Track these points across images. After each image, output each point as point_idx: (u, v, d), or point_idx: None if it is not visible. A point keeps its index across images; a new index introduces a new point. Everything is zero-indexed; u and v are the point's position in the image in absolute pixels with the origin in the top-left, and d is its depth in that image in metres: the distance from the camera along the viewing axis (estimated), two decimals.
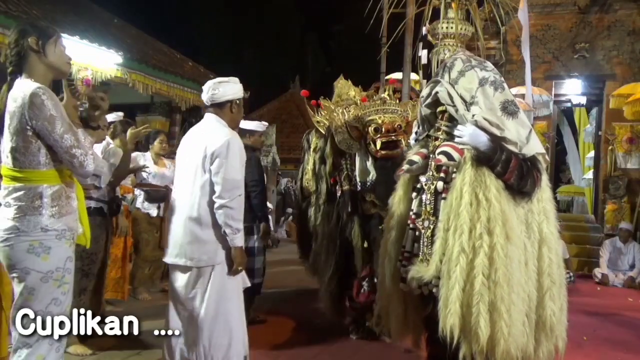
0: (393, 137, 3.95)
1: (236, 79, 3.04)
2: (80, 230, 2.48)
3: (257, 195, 4.44)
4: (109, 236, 4.10)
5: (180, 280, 2.90)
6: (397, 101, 4.31)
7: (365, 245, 4.01)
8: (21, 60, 2.28)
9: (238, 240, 2.82)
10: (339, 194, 4.16)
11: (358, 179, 4.08)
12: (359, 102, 4.26)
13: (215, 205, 2.78)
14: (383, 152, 3.94)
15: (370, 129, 4.00)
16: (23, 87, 2.22)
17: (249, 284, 3.10)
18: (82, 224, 2.50)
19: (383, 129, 3.96)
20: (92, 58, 6.94)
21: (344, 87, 4.60)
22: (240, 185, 2.84)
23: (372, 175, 4.03)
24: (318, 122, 4.46)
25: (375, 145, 3.97)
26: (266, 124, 5.16)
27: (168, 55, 10.29)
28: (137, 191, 5.38)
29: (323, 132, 4.38)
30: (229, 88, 2.97)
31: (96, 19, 9.24)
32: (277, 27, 23.74)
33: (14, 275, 2.29)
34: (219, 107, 2.98)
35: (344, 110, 4.17)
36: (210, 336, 2.80)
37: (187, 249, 2.84)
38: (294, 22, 24.98)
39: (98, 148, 4.21)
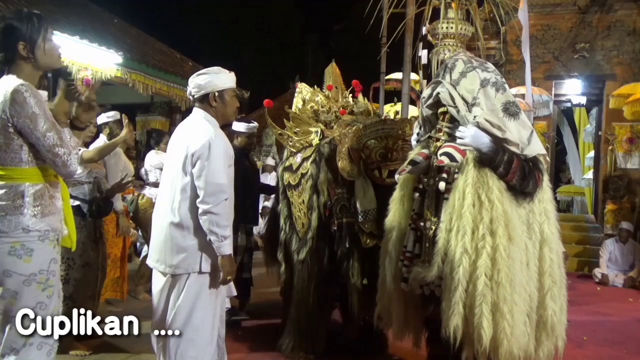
0: (398, 166, 3.54)
1: (218, 69, 2.77)
2: (65, 231, 2.39)
3: None
4: (98, 240, 3.94)
5: (157, 284, 2.76)
6: (394, 116, 4.07)
7: (365, 282, 3.58)
8: (9, 61, 2.21)
9: (225, 248, 2.61)
10: (334, 228, 3.68)
11: (359, 209, 3.60)
12: (337, 113, 3.97)
13: (200, 211, 2.58)
14: (389, 180, 3.50)
15: (375, 154, 3.61)
16: (5, 84, 2.15)
17: (234, 293, 2.97)
18: (68, 226, 2.41)
19: (392, 156, 3.59)
20: (92, 58, 6.94)
21: (304, 91, 4.23)
22: (225, 189, 2.62)
23: (375, 204, 3.60)
24: (281, 134, 4.08)
25: (380, 172, 3.60)
26: (255, 124, 4.95)
27: (168, 55, 10.29)
28: (147, 189, 5.41)
29: (289, 146, 4.03)
30: (206, 80, 2.72)
31: (96, 19, 9.24)
32: (277, 27, 23.76)
33: None
34: (200, 101, 2.76)
35: (346, 132, 3.71)
36: (177, 346, 2.64)
37: (166, 255, 2.67)
38: (294, 22, 24.99)
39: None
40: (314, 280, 3.74)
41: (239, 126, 4.75)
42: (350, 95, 4.33)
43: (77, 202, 3.71)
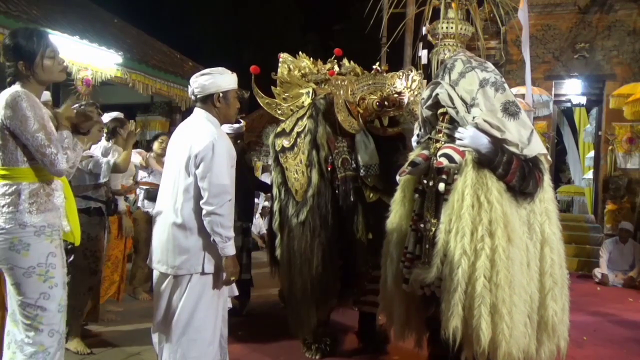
0: (397, 112, 3.64)
1: (222, 70, 2.78)
2: (68, 228, 2.51)
3: None
4: (106, 236, 4.14)
5: (158, 284, 2.75)
6: (385, 73, 4.00)
7: (370, 236, 3.58)
8: (16, 77, 2.39)
9: (229, 249, 2.62)
10: (337, 183, 3.65)
11: (362, 163, 3.59)
12: (326, 74, 3.93)
13: (204, 212, 2.58)
14: (391, 129, 3.62)
15: (372, 104, 3.62)
16: (7, 91, 2.34)
17: (236, 293, 2.98)
18: (70, 222, 2.53)
19: (389, 103, 3.60)
20: (92, 58, 6.93)
21: (289, 61, 4.11)
22: (229, 190, 2.62)
23: (377, 158, 3.62)
24: (269, 103, 3.94)
25: (381, 122, 3.62)
26: (242, 124, 4.84)
27: (168, 55, 10.28)
28: (137, 190, 5.40)
29: (277, 114, 3.91)
30: (210, 80, 2.72)
31: (96, 19, 9.23)
32: (277, 27, 23.74)
33: (4, 270, 2.38)
34: (203, 102, 2.76)
35: (340, 84, 3.68)
36: (179, 347, 2.65)
37: (168, 256, 2.66)
38: (294, 22, 24.97)
39: (98, 149, 4.25)
40: (317, 238, 3.62)
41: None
42: (335, 61, 4.24)
43: (98, 204, 3.93)
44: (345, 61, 4.19)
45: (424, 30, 6.53)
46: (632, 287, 7.20)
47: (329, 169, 3.69)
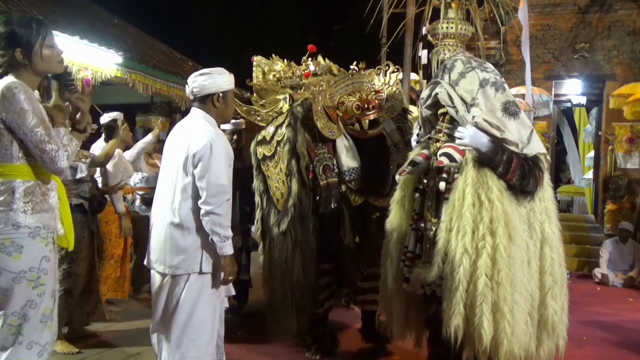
0: (377, 114, 3.63)
1: (221, 70, 2.79)
2: (62, 231, 2.36)
3: None
4: (94, 235, 4.03)
5: (156, 284, 2.75)
6: (362, 71, 3.98)
7: (357, 240, 3.58)
8: (10, 67, 2.22)
9: (227, 248, 2.63)
10: (319, 190, 3.60)
11: (345, 167, 3.60)
12: (301, 77, 3.89)
13: (202, 212, 2.58)
14: (371, 131, 3.60)
15: (351, 107, 3.60)
16: (1, 83, 2.17)
17: (233, 292, 2.99)
18: (64, 225, 2.38)
19: (369, 106, 3.60)
20: (92, 58, 6.93)
21: (262, 64, 4.05)
22: (227, 190, 2.64)
23: (359, 161, 3.64)
24: (247, 111, 3.86)
25: (361, 125, 3.60)
26: (241, 120, 4.75)
27: (168, 55, 10.28)
28: (135, 194, 5.42)
29: (257, 121, 3.85)
30: (209, 80, 2.71)
31: (96, 19, 9.24)
32: (277, 27, 23.73)
33: None
34: (201, 101, 2.75)
35: (318, 90, 3.64)
36: (178, 346, 2.65)
37: (166, 256, 2.66)
38: (294, 22, 24.96)
39: (97, 150, 4.26)
40: (299, 247, 3.56)
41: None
42: (310, 59, 4.19)
43: (80, 201, 3.79)
44: (320, 59, 4.17)
45: (424, 30, 6.54)
46: (632, 287, 7.19)
47: (311, 177, 3.64)
